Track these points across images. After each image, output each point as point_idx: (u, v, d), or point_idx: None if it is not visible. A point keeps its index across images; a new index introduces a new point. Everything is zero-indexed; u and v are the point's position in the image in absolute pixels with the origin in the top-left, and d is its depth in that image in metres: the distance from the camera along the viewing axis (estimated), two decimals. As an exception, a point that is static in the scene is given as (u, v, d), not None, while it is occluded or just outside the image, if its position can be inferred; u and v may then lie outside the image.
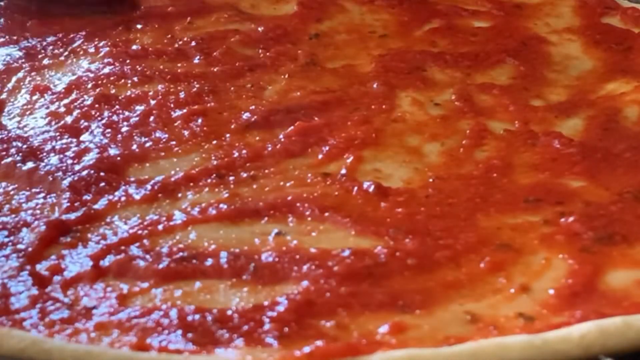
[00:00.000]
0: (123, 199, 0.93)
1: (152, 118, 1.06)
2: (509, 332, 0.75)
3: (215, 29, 1.24)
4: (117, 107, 1.08)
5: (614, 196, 0.92)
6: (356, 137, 1.02)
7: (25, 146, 1.01)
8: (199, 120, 1.05)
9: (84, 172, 0.96)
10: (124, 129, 1.04)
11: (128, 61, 1.17)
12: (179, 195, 0.94)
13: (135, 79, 1.13)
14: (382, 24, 1.26)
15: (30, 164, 0.98)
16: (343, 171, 0.96)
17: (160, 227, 0.89)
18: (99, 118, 1.06)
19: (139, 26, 1.26)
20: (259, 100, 1.09)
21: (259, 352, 0.74)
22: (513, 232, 0.88)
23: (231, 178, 0.96)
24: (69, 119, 1.06)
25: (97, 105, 1.08)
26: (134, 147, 1.01)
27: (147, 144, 1.01)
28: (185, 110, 1.07)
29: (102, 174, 0.96)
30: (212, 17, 1.27)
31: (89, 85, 1.12)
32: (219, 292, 0.82)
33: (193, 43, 1.21)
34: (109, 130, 1.04)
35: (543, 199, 0.92)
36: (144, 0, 1.31)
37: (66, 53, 1.20)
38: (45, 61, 1.18)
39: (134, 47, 1.20)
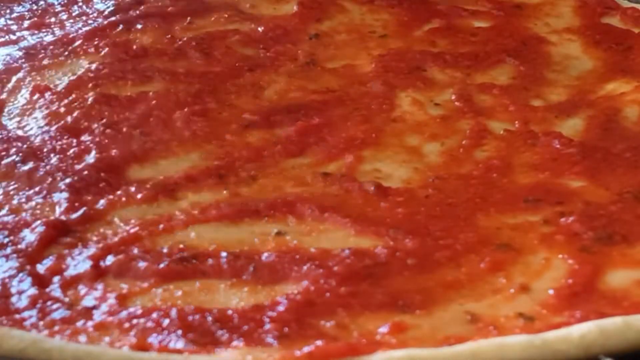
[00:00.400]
0: (123, 199, 0.93)
1: (152, 118, 1.06)
2: (509, 332, 0.75)
3: (215, 29, 1.24)
4: (117, 107, 1.08)
5: (614, 196, 0.92)
6: (356, 137, 1.02)
7: (25, 146, 1.01)
8: (199, 121, 1.05)
9: (84, 172, 0.96)
10: (124, 129, 1.04)
11: (128, 61, 1.17)
12: (179, 195, 0.94)
13: (136, 79, 1.13)
14: (382, 24, 1.26)
15: (30, 164, 0.98)
16: (343, 171, 0.96)
17: (160, 227, 0.89)
18: (99, 118, 1.06)
19: (139, 26, 1.26)
20: (259, 100, 1.09)
21: (259, 352, 0.74)
22: (513, 232, 0.88)
23: (231, 178, 0.96)
24: (69, 119, 1.06)
25: (97, 105, 1.08)
26: (134, 147, 1.01)
27: (147, 144, 1.01)
28: (185, 110, 1.07)
29: (102, 174, 0.96)
30: (212, 17, 1.27)
31: (89, 85, 1.12)
32: (219, 292, 0.82)
33: (193, 43, 1.21)
34: (109, 130, 1.04)
35: (543, 199, 0.92)
36: (144, 0, 1.31)
37: (66, 53, 1.20)
38: (45, 61, 1.18)
39: (134, 47, 1.20)
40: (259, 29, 1.24)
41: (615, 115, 1.06)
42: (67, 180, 0.95)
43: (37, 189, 0.95)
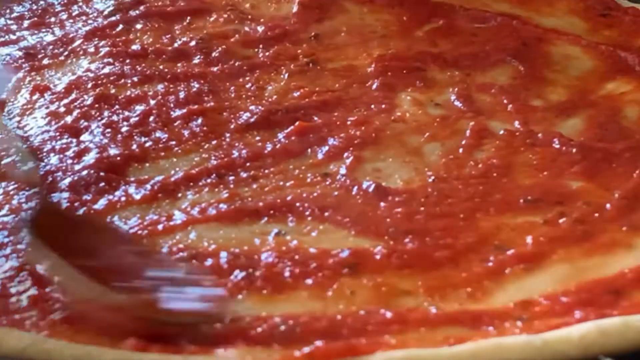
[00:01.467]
0: (123, 199, 0.93)
1: (152, 118, 1.06)
2: (509, 332, 0.75)
3: (215, 29, 1.24)
4: (117, 107, 1.08)
5: (614, 196, 0.92)
6: (356, 137, 1.02)
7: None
8: (199, 120, 1.05)
9: (84, 172, 0.96)
10: (124, 129, 1.04)
11: (128, 61, 1.17)
12: (179, 195, 0.94)
13: (135, 79, 1.13)
14: (382, 24, 1.26)
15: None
16: (343, 171, 0.96)
17: (160, 227, 0.89)
18: (99, 118, 1.06)
19: (138, 26, 1.26)
20: (259, 100, 1.09)
21: (259, 352, 0.74)
22: (513, 232, 0.88)
23: (231, 178, 0.96)
24: (69, 119, 1.06)
25: (97, 105, 1.08)
26: (134, 147, 1.01)
27: (147, 144, 1.01)
28: (185, 110, 1.07)
29: (102, 174, 0.96)
30: (212, 17, 1.27)
31: (89, 85, 1.12)
32: (218, 292, 0.82)
33: (193, 43, 1.21)
34: (109, 130, 1.04)
35: (543, 199, 0.92)
36: (144, 0, 1.31)
37: (66, 53, 1.20)
38: (45, 61, 1.18)
39: (134, 47, 1.20)
40: (259, 29, 1.24)
41: (615, 115, 1.06)
42: (67, 180, 0.95)
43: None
